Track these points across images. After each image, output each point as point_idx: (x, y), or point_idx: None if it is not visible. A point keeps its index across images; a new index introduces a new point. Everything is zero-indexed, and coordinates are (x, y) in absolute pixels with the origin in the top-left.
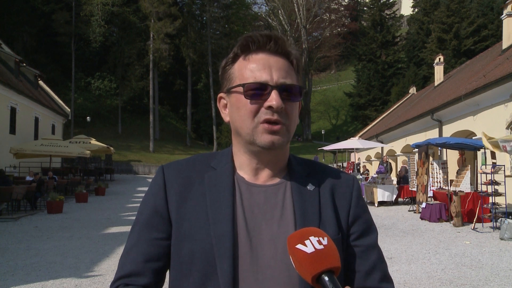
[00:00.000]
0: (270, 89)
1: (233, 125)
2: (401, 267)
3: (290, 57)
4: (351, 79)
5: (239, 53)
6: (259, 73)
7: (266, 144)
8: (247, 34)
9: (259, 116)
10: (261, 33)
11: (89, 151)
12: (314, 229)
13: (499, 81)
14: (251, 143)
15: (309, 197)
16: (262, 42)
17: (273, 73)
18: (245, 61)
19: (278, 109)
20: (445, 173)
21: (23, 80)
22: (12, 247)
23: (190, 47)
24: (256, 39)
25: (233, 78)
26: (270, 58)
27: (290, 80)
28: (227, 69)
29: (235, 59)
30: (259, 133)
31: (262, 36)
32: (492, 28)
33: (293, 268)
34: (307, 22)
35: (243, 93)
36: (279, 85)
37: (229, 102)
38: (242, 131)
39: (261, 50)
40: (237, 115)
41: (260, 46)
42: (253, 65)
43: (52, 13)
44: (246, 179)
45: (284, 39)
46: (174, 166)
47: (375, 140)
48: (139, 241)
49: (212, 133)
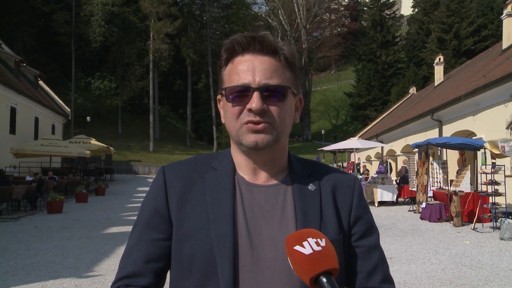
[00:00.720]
0: (252, 91)
1: (226, 127)
2: (401, 267)
3: (277, 53)
4: (351, 79)
5: (228, 56)
6: (243, 75)
7: (250, 144)
8: (232, 37)
9: (241, 118)
10: (245, 34)
11: (89, 151)
12: (312, 231)
13: (499, 81)
14: (239, 144)
15: (310, 197)
16: (247, 43)
17: (256, 74)
18: (232, 64)
19: (258, 111)
20: (445, 173)
21: (23, 80)
22: (12, 247)
23: (190, 47)
24: (241, 40)
25: (223, 81)
26: (255, 59)
27: (276, 80)
28: (220, 72)
29: (226, 62)
30: (243, 134)
31: (246, 37)
32: (492, 28)
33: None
34: (307, 22)
35: (225, 97)
36: (261, 87)
37: (222, 104)
38: (232, 133)
39: (246, 51)
40: (226, 117)
41: (245, 47)
42: (239, 67)
43: (52, 13)
44: (246, 179)
45: (270, 37)
46: (175, 167)
47: (375, 140)
48: (140, 241)
49: (212, 133)
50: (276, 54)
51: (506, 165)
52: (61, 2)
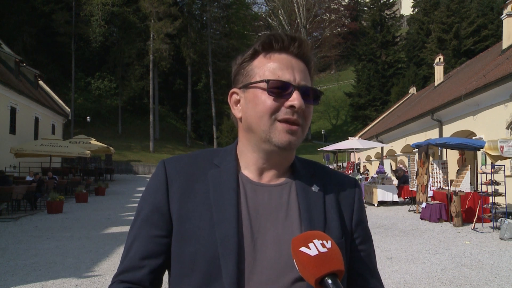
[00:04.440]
0: (292, 89)
1: (247, 122)
2: (401, 267)
3: (310, 62)
4: (351, 79)
5: (260, 50)
6: (281, 72)
7: (283, 144)
8: (270, 33)
9: (278, 114)
10: (287, 33)
11: (89, 151)
12: (318, 233)
13: (499, 81)
14: (265, 141)
15: (314, 198)
16: (287, 42)
17: (296, 74)
18: (266, 59)
19: (299, 110)
20: (445, 173)
21: (23, 80)
22: (12, 247)
23: (190, 47)
24: (281, 38)
25: (252, 74)
26: (292, 60)
27: (309, 83)
28: (244, 65)
29: (254, 56)
30: (276, 132)
31: (288, 37)
32: (492, 28)
33: (297, 270)
34: (307, 22)
35: (267, 89)
36: (301, 87)
37: (244, 98)
38: (258, 128)
39: (284, 51)
40: (253, 111)
41: (284, 46)
42: (275, 64)
43: (52, 13)
44: (251, 178)
45: (308, 43)
46: (176, 161)
47: (375, 140)
48: (138, 237)
49: (212, 133)
50: (308, 61)
51: (506, 165)
52: (61, 2)
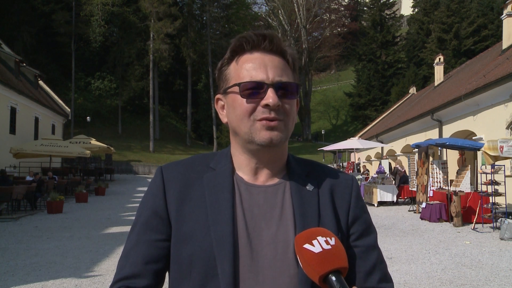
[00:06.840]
0: (266, 87)
1: (231, 126)
2: (401, 267)
3: (285, 55)
4: (351, 79)
5: (234, 53)
6: (255, 72)
7: (264, 141)
8: (240, 35)
9: (255, 114)
10: (255, 32)
11: (89, 151)
12: (321, 229)
13: (499, 81)
14: (249, 142)
15: (309, 197)
16: (257, 41)
17: (269, 71)
18: (240, 61)
19: (274, 107)
20: (445, 173)
21: (23, 80)
22: (12, 247)
23: (190, 47)
24: (250, 38)
25: (229, 78)
26: (265, 57)
27: (286, 78)
28: (223, 70)
29: (230, 60)
30: (257, 130)
31: (256, 35)
32: (492, 28)
33: (293, 269)
34: (307, 22)
35: (239, 93)
36: (275, 83)
37: (226, 102)
38: (240, 131)
39: (255, 50)
40: (233, 115)
41: (255, 45)
42: (248, 65)
43: (52, 13)
44: (246, 180)
45: (279, 37)
46: (173, 167)
47: (375, 140)
48: (139, 242)
49: (212, 133)
50: (284, 55)
51: (506, 165)
52: (61, 2)
